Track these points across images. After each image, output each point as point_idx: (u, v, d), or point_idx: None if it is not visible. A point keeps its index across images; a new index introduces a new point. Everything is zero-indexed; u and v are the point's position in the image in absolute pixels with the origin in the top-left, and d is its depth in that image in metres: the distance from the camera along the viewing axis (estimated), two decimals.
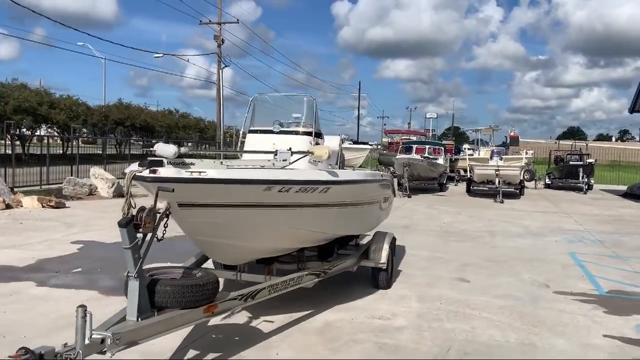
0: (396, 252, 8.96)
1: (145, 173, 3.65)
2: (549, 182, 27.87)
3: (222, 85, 32.68)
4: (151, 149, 3.99)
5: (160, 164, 3.77)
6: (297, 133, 5.97)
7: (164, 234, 3.97)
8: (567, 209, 17.67)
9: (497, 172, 19.94)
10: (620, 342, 5.34)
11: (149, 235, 3.76)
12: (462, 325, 5.66)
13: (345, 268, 6.32)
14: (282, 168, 5.07)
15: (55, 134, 37.73)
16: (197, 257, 5.73)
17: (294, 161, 5.21)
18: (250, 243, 4.75)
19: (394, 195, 8.46)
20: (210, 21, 33.34)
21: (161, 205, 3.83)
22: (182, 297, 3.95)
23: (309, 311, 5.90)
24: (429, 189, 23.38)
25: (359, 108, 70.36)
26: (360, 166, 32.94)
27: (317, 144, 6.01)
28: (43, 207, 13.15)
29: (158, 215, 3.81)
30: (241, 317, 5.62)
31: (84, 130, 40.98)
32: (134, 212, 3.78)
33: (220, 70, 32.39)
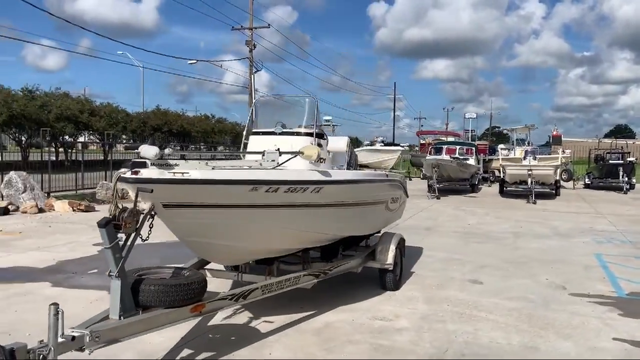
0: (413, 253, 8.93)
1: (128, 174, 3.73)
2: (589, 182, 27.01)
3: (254, 90, 33.08)
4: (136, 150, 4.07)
5: (143, 165, 3.85)
6: (298, 134, 5.96)
7: (149, 234, 4.06)
8: (602, 210, 17.07)
9: (529, 172, 19.45)
10: (629, 346, 5.13)
11: (132, 235, 3.84)
12: (465, 327, 5.55)
13: (348, 269, 6.29)
14: (273, 168, 5.08)
15: (97, 140, 38.89)
16: (200, 257, 5.80)
17: (284, 161, 5.21)
18: (243, 244, 4.78)
19: (407, 196, 8.37)
20: (242, 27, 33.82)
21: (145, 206, 3.91)
22: (166, 296, 4.01)
23: (312, 312, 5.89)
24: (461, 190, 23.01)
25: (394, 110, 69.72)
26: (392, 168, 32.76)
27: (319, 144, 5.99)
28: (74, 210, 13.59)
29: (142, 215, 3.89)
30: (242, 317, 5.66)
31: (124, 136, 42.09)
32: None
33: (252, 75, 32.81)
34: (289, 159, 5.14)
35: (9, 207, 13.13)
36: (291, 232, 5.11)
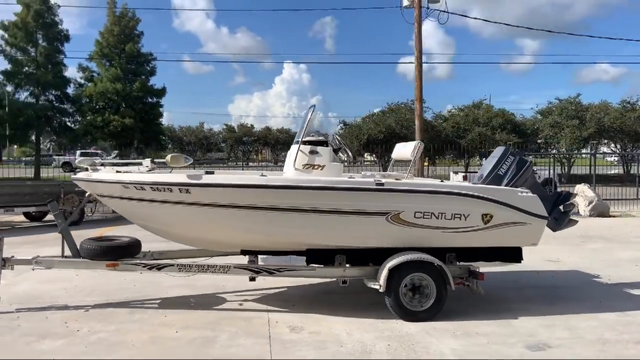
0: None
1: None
2: None
3: None
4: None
5: (85, 170, 6.18)
6: (296, 142, 6.16)
7: (92, 212, 6.45)
8: None
9: None
10: None
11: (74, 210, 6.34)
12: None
13: (308, 275, 6.08)
14: (171, 172, 6.00)
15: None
16: None
17: (174, 167, 5.98)
18: (167, 229, 6.04)
19: (520, 212, 5.89)
20: None
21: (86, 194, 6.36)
22: (92, 252, 5.98)
23: (282, 309, 6.14)
24: None
25: None
26: None
27: (312, 152, 6.02)
28: None
29: (80, 200, 6.31)
30: (232, 297, 6.63)
31: None
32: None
33: None
34: (173, 168, 6.04)
35: None
36: (197, 226, 5.80)
